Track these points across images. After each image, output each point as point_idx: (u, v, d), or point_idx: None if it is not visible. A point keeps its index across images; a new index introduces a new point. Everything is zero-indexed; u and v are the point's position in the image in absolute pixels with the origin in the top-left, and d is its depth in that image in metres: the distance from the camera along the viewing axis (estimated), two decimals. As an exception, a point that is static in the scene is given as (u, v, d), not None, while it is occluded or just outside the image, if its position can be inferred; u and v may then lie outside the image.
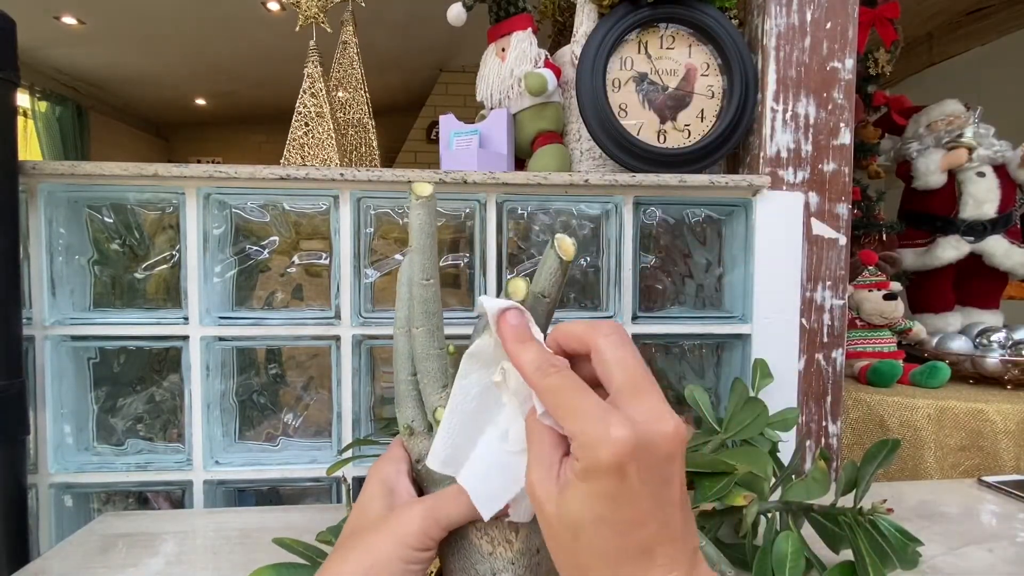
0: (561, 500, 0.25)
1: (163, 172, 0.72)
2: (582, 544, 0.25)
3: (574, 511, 0.25)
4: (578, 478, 0.25)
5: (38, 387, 0.72)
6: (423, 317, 0.34)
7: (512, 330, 0.29)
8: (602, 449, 0.24)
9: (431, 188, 0.33)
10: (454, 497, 0.32)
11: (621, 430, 0.24)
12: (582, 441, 0.25)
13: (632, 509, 0.24)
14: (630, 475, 0.24)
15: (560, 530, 0.26)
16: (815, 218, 0.84)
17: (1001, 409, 1.09)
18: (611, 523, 0.25)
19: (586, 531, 0.25)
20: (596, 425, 0.25)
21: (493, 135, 0.88)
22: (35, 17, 3.21)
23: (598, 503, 0.24)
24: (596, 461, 0.24)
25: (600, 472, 0.24)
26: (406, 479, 0.34)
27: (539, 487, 0.27)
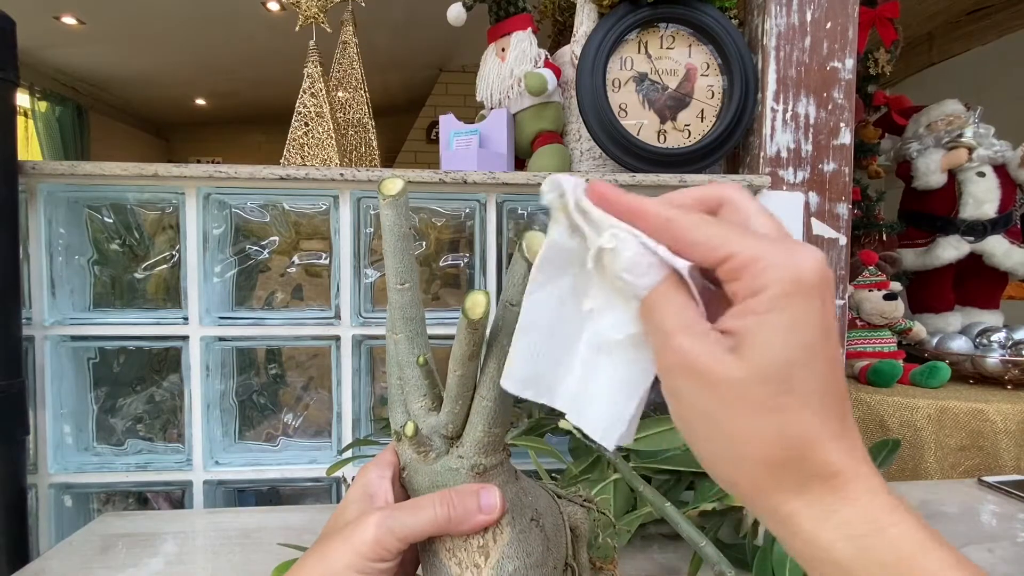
0: (751, 348, 0.21)
1: (163, 172, 0.72)
2: (794, 391, 0.21)
3: (779, 351, 0.20)
4: (775, 307, 0.20)
5: (38, 387, 0.72)
6: (402, 323, 0.32)
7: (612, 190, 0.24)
8: (805, 263, 0.20)
9: (401, 184, 0.31)
10: (413, 508, 0.30)
11: (814, 251, 0.21)
12: (774, 261, 0.21)
13: (832, 341, 0.21)
14: (827, 300, 0.21)
15: (755, 388, 0.21)
16: (815, 218, 0.84)
17: (1001, 409, 1.09)
18: (822, 355, 0.21)
19: (799, 371, 0.21)
20: (784, 246, 0.21)
21: (493, 135, 0.88)
22: (35, 17, 3.21)
23: (807, 329, 0.21)
24: (802, 277, 0.20)
25: (807, 289, 0.20)
26: (388, 485, 0.32)
27: (699, 349, 0.22)
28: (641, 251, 0.24)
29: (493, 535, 0.31)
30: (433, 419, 0.32)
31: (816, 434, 0.21)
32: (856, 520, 0.21)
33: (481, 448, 0.31)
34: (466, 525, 0.30)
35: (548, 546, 0.33)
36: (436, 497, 0.30)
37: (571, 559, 0.35)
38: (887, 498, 0.21)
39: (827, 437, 0.21)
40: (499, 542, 0.31)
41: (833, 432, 0.21)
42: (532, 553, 0.31)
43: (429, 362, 0.33)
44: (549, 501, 0.36)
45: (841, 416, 0.21)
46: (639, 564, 0.55)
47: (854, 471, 0.21)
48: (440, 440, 0.33)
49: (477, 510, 0.30)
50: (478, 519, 0.30)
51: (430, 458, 0.32)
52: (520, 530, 0.32)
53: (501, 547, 0.31)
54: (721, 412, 0.22)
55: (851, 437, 0.22)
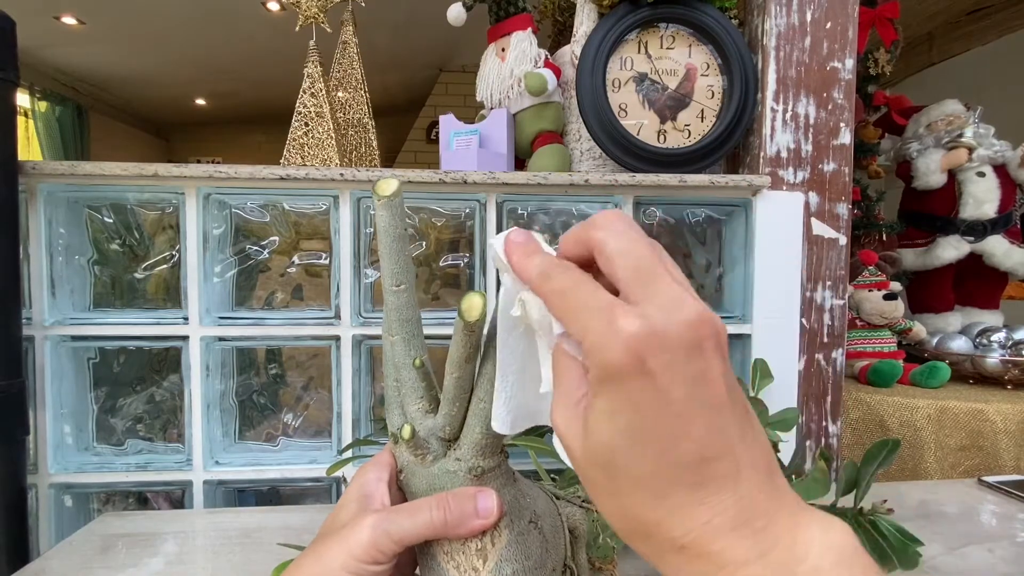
0: (586, 432, 0.21)
1: (163, 172, 0.72)
2: (620, 478, 0.21)
3: (601, 438, 0.21)
4: (597, 392, 0.21)
5: (38, 387, 0.72)
6: (398, 325, 0.32)
7: (517, 247, 0.25)
8: (612, 344, 0.20)
9: (396, 185, 0.31)
10: (409, 510, 0.30)
11: (629, 319, 0.20)
12: (592, 341, 0.20)
13: (666, 416, 0.20)
14: (654, 372, 0.20)
15: (593, 471, 0.21)
16: (815, 218, 0.84)
17: (1001, 409, 1.09)
18: (645, 438, 0.20)
19: (619, 458, 0.20)
20: (602, 319, 0.20)
21: (493, 135, 0.88)
22: (35, 17, 3.21)
23: (623, 416, 0.20)
24: (608, 360, 0.20)
25: (616, 373, 0.20)
26: (385, 487, 0.32)
27: (564, 427, 0.22)
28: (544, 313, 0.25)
29: (491, 538, 0.31)
30: (430, 421, 0.32)
31: (654, 514, 0.20)
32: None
33: (479, 450, 0.31)
34: (462, 529, 0.30)
35: (547, 548, 0.33)
36: (433, 500, 0.30)
37: (570, 560, 0.35)
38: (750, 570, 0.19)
39: (667, 514, 0.20)
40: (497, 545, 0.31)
41: (676, 506, 0.20)
42: (531, 555, 0.31)
43: (426, 364, 0.33)
44: (548, 502, 0.36)
45: (691, 485, 0.20)
46: (639, 564, 0.55)
47: (707, 546, 0.20)
48: (437, 442, 0.32)
49: (474, 514, 0.30)
50: (475, 523, 0.30)
51: (427, 460, 0.32)
52: (518, 532, 0.32)
53: (499, 550, 0.31)
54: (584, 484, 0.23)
55: (710, 504, 0.20)
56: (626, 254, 0.22)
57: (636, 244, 0.22)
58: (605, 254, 0.23)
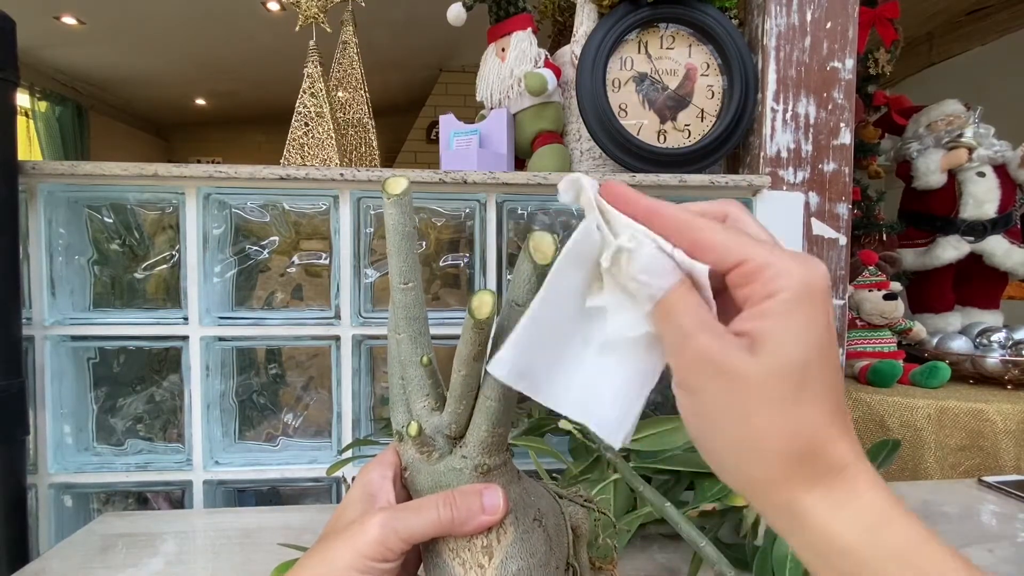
0: (770, 347, 0.22)
1: (163, 172, 0.72)
2: (808, 388, 0.22)
3: (795, 350, 0.22)
4: (790, 309, 0.22)
5: (38, 387, 0.72)
6: (405, 323, 0.32)
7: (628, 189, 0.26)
8: (814, 271, 0.22)
9: (405, 183, 0.31)
10: (416, 508, 0.30)
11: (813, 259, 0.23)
12: (786, 268, 0.22)
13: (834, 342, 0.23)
14: (828, 303, 0.23)
15: (774, 384, 0.22)
16: (815, 218, 0.84)
17: (1001, 409, 1.09)
18: (828, 355, 0.22)
19: (812, 369, 0.22)
20: (789, 254, 0.23)
21: (493, 135, 0.88)
22: (35, 17, 3.21)
23: (817, 330, 0.22)
24: (813, 282, 0.22)
25: (817, 294, 0.22)
26: (390, 485, 0.32)
27: (722, 352, 0.23)
28: (658, 253, 0.24)
29: (497, 535, 0.31)
30: (436, 419, 0.32)
31: (828, 430, 0.22)
32: (866, 512, 0.22)
33: (485, 448, 0.31)
34: (469, 526, 0.30)
35: (551, 546, 0.33)
36: (439, 498, 0.30)
37: (572, 559, 0.35)
38: (889, 492, 0.22)
39: (837, 433, 0.22)
40: (503, 542, 0.31)
41: (840, 428, 0.22)
42: (536, 553, 0.31)
43: (433, 362, 0.33)
44: (551, 501, 0.36)
45: (843, 411, 0.23)
46: (639, 564, 0.55)
47: (861, 466, 0.22)
48: (443, 440, 0.32)
49: (480, 510, 0.30)
50: (481, 520, 0.30)
51: (433, 458, 0.32)
52: (524, 530, 0.32)
53: (505, 547, 0.31)
54: (741, 407, 0.23)
55: (853, 434, 0.23)
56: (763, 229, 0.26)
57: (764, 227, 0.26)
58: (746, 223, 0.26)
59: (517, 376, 0.26)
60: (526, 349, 0.26)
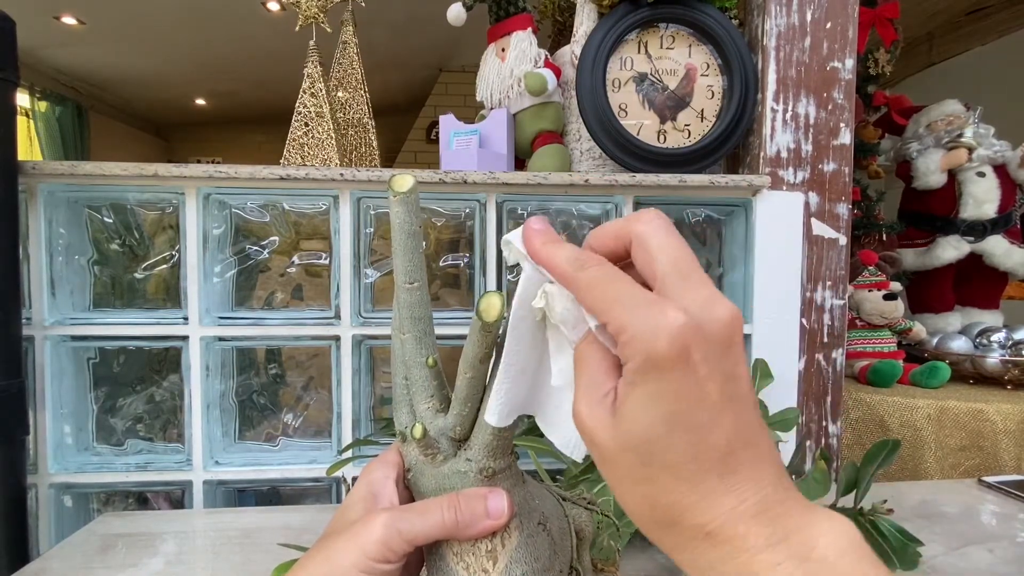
0: (619, 420, 0.22)
1: (163, 172, 0.72)
2: (655, 463, 0.21)
3: (639, 424, 0.21)
4: (636, 381, 0.21)
5: (38, 387, 0.72)
6: (410, 323, 0.32)
7: (538, 234, 0.25)
8: (660, 335, 0.21)
9: (412, 181, 0.30)
10: (421, 510, 0.30)
11: (677, 313, 0.21)
12: (635, 332, 0.21)
13: (702, 407, 0.21)
14: (695, 364, 0.21)
15: (624, 458, 0.22)
16: (815, 218, 0.84)
17: (1001, 409, 1.09)
18: (684, 425, 0.21)
19: (657, 444, 0.21)
20: (649, 311, 0.21)
21: (493, 135, 0.88)
22: (35, 17, 3.21)
23: (665, 402, 0.21)
24: (655, 350, 0.21)
25: (662, 362, 0.21)
26: (392, 485, 0.32)
27: (588, 417, 0.23)
28: (570, 305, 0.25)
29: (501, 539, 0.31)
30: (441, 421, 0.32)
31: (686, 500, 0.21)
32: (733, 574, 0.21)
33: (490, 451, 0.31)
34: (473, 529, 0.30)
35: (555, 550, 0.33)
36: (444, 500, 0.30)
37: (576, 562, 0.35)
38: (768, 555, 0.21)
39: (698, 500, 0.21)
40: (507, 546, 0.31)
41: (703, 493, 0.21)
42: (540, 557, 0.31)
43: (438, 363, 0.32)
44: (555, 504, 0.36)
45: (721, 473, 0.21)
46: (639, 564, 0.55)
47: (732, 530, 0.21)
48: (447, 442, 0.32)
49: (484, 514, 0.30)
50: (485, 524, 0.30)
51: (437, 460, 0.32)
52: (528, 534, 0.31)
53: (509, 551, 0.30)
54: (608, 474, 0.23)
55: (736, 492, 0.21)
56: (668, 250, 0.23)
57: (677, 241, 0.23)
58: (647, 247, 0.23)
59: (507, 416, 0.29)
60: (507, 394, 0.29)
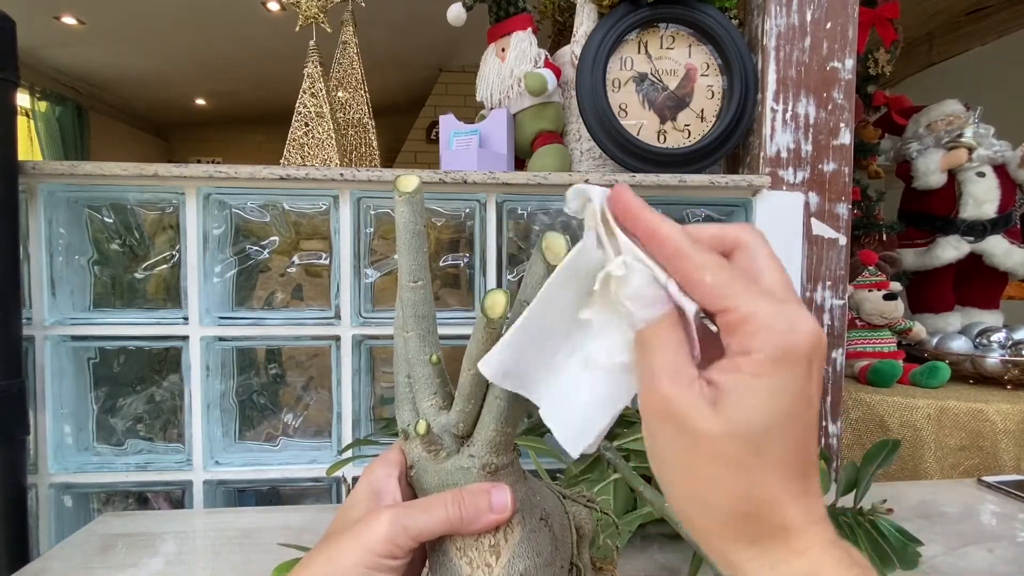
0: (730, 407, 0.21)
1: (163, 172, 0.72)
2: (765, 454, 0.21)
3: (755, 416, 0.21)
4: (761, 371, 0.21)
5: (38, 387, 0.72)
6: (413, 321, 0.32)
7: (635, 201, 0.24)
8: (799, 332, 0.21)
9: (417, 181, 0.30)
10: (425, 506, 0.30)
11: (811, 318, 0.21)
12: (770, 325, 0.21)
13: (811, 410, 0.22)
14: (814, 369, 0.21)
15: (730, 445, 0.21)
16: (815, 218, 0.84)
17: (1001, 409, 1.09)
18: (797, 424, 0.21)
19: (772, 436, 0.21)
20: (783, 309, 0.21)
21: (493, 135, 0.88)
22: (35, 17, 3.21)
23: (788, 399, 0.21)
24: (790, 349, 0.21)
25: (794, 360, 0.21)
26: (395, 483, 0.32)
27: (680, 398, 0.22)
28: (649, 283, 0.24)
29: (504, 534, 0.31)
30: (444, 418, 0.32)
31: (778, 496, 0.22)
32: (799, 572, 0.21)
33: (493, 447, 0.31)
34: (477, 524, 0.30)
35: (556, 546, 0.33)
36: (448, 496, 0.30)
37: (576, 559, 0.35)
38: (834, 552, 0.22)
39: (788, 498, 0.22)
40: (510, 541, 0.31)
41: (794, 493, 0.22)
42: (542, 553, 0.31)
43: (441, 361, 0.33)
44: (556, 501, 0.36)
45: (804, 475, 0.22)
46: (639, 564, 0.55)
47: (805, 528, 0.22)
48: (450, 439, 0.32)
49: (488, 509, 0.30)
50: (489, 518, 0.30)
51: (440, 457, 0.32)
52: (530, 529, 0.32)
53: (512, 546, 0.31)
54: (693, 460, 0.22)
55: (811, 494, 0.22)
56: (777, 265, 0.24)
57: (780, 262, 0.24)
58: (756, 257, 0.24)
59: (503, 375, 0.27)
60: (515, 352, 0.27)
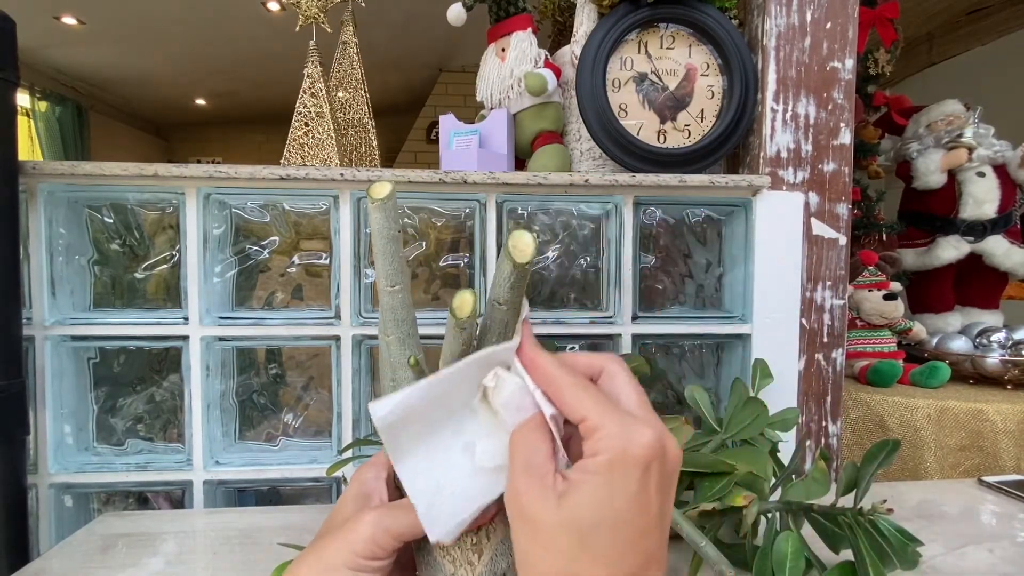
0: (567, 502, 0.24)
1: (163, 172, 0.72)
2: (588, 550, 0.23)
3: (586, 512, 0.24)
4: (600, 472, 0.24)
5: (38, 387, 0.72)
6: (393, 325, 0.33)
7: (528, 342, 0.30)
8: (636, 440, 0.24)
9: (389, 188, 0.31)
10: (408, 507, 0.30)
11: (652, 429, 0.25)
12: (613, 432, 0.24)
13: (646, 514, 0.24)
14: (651, 476, 0.24)
15: (561, 537, 0.24)
16: (815, 218, 0.84)
17: (1001, 409, 1.09)
18: (627, 525, 0.24)
19: (599, 533, 0.23)
20: (626, 420, 0.25)
21: (493, 135, 0.88)
22: (35, 17, 3.21)
23: (620, 501, 0.24)
24: (627, 453, 0.24)
25: (629, 466, 0.24)
26: (383, 485, 0.33)
27: (528, 495, 0.25)
28: (520, 391, 0.28)
29: (486, 533, 0.31)
30: None
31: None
32: None
33: None
34: None
35: None
36: None
37: None
38: None
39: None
40: (492, 540, 0.31)
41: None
42: None
43: (420, 363, 0.33)
44: None
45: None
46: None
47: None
48: None
49: None
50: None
51: None
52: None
53: (494, 545, 0.31)
54: (532, 549, 0.25)
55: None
56: (634, 387, 0.28)
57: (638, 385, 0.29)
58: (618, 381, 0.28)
59: (387, 425, 0.29)
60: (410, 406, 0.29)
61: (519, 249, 0.29)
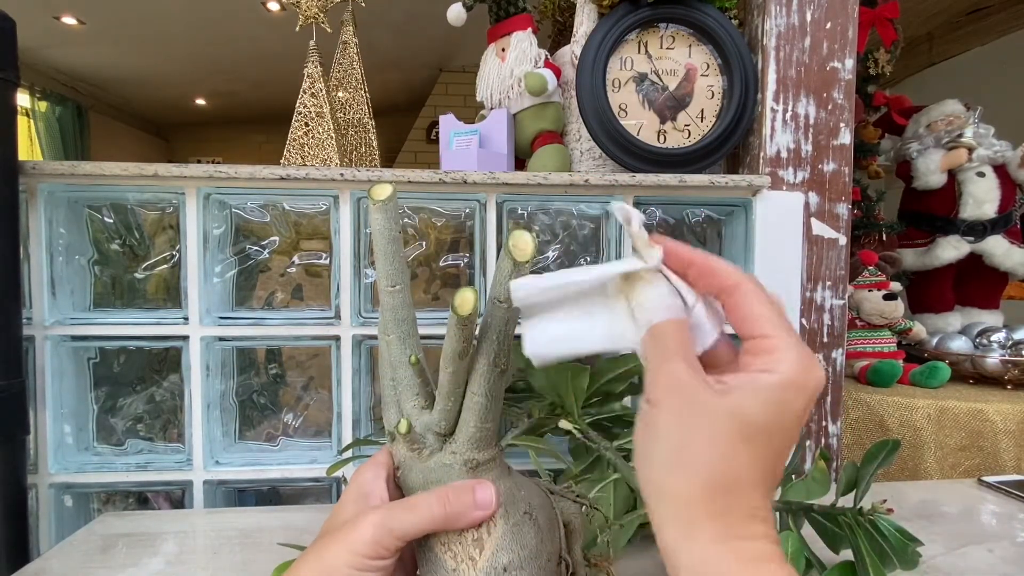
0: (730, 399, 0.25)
1: (163, 172, 0.72)
2: (750, 446, 0.25)
3: (755, 412, 0.25)
4: (771, 389, 0.25)
5: (38, 387, 0.72)
6: (393, 324, 0.33)
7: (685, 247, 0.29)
8: (811, 376, 0.25)
9: (390, 189, 0.32)
10: (410, 506, 0.30)
11: (822, 372, 0.26)
12: (792, 359, 0.25)
13: (788, 438, 0.26)
14: (805, 412, 0.25)
15: (729, 423, 0.25)
16: (815, 218, 0.84)
17: (1001, 409, 1.09)
18: (784, 441, 0.25)
19: (761, 437, 0.25)
20: (805, 351, 0.26)
21: (493, 135, 0.88)
22: (35, 17, 3.21)
23: (783, 416, 0.25)
24: (804, 381, 0.25)
25: (800, 392, 0.25)
26: (383, 484, 0.33)
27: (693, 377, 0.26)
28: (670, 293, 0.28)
29: (487, 528, 0.31)
30: (426, 417, 0.33)
31: (754, 482, 0.25)
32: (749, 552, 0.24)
33: (474, 443, 0.32)
34: (462, 521, 0.31)
35: (542, 539, 0.33)
36: (432, 494, 0.31)
37: (565, 553, 0.36)
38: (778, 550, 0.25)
39: (760, 492, 0.25)
40: (493, 535, 0.31)
41: (763, 491, 0.25)
42: (526, 546, 0.32)
43: (421, 361, 0.33)
44: (542, 496, 0.36)
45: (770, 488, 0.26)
46: (639, 564, 0.55)
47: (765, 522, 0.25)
48: (433, 437, 0.33)
49: (473, 505, 0.31)
50: (474, 514, 0.31)
51: (424, 455, 0.33)
52: (514, 523, 0.32)
53: (495, 540, 0.31)
54: (691, 428, 0.25)
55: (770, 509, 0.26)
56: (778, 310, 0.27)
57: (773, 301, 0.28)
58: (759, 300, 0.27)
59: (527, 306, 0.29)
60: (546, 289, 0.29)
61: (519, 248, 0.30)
